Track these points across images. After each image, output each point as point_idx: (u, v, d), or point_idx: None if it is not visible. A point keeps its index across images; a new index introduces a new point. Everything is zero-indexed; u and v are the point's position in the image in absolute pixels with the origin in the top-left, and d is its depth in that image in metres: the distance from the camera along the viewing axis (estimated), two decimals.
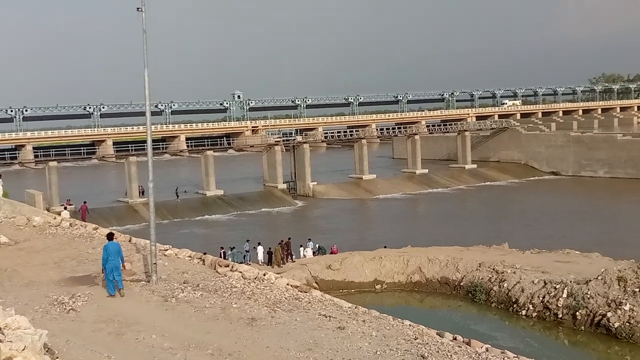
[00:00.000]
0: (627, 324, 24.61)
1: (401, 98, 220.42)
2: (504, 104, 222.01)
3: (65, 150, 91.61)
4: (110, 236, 16.44)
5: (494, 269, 32.03)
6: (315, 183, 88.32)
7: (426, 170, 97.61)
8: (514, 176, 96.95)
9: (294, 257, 40.23)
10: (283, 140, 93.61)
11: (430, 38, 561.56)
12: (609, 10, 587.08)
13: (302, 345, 12.40)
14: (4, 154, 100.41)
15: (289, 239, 41.55)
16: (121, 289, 15.31)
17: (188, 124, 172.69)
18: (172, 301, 15.00)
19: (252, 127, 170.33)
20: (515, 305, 29.21)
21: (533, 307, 28.40)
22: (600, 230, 56.66)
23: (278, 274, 21.29)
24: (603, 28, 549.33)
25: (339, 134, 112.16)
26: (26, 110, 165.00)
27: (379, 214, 74.99)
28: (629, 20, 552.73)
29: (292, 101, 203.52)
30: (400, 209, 77.58)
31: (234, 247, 43.26)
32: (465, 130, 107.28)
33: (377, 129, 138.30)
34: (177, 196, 79.07)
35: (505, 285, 30.36)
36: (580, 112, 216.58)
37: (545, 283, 28.90)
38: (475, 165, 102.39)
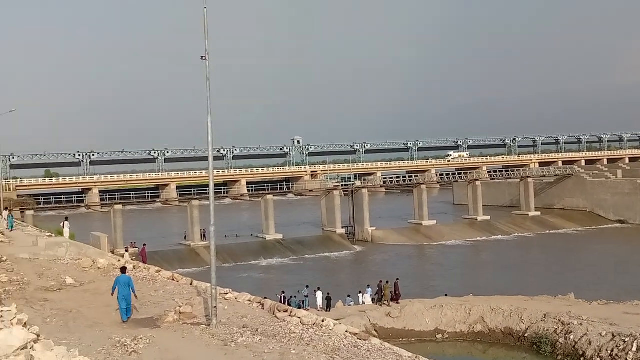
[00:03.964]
0: None
1: (461, 143, 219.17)
2: (448, 155, 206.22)
3: (130, 194, 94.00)
4: (123, 270, 18.09)
5: (559, 320, 31.02)
6: (374, 228, 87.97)
7: (488, 217, 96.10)
8: (579, 224, 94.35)
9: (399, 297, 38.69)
10: (342, 185, 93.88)
11: (491, 82, 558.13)
12: None
13: None
14: (72, 197, 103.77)
15: (397, 279, 40.53)
16: (129, 317, 16.77)
17: (249, 169, 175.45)
18: (232, 345, 14.95)
19: (311, 171, 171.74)
20: (582, 359, 28.16)
21: None
22: None
23: (337, 320, 21.06)
24: None
25: (397, 179, 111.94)
26: (93, 155, 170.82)
27: (439, 261, 73.84)
28: None
29: (351, 146, 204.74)
30: (461, 256, 76.27)
31: (297, 292, 43.26)
32: (528, 177, 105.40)
33: (436, 175, 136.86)
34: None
35: (572, 337, 29.32)
36: None
37: (613, 336, 27.81)
38: (539, 213, 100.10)
